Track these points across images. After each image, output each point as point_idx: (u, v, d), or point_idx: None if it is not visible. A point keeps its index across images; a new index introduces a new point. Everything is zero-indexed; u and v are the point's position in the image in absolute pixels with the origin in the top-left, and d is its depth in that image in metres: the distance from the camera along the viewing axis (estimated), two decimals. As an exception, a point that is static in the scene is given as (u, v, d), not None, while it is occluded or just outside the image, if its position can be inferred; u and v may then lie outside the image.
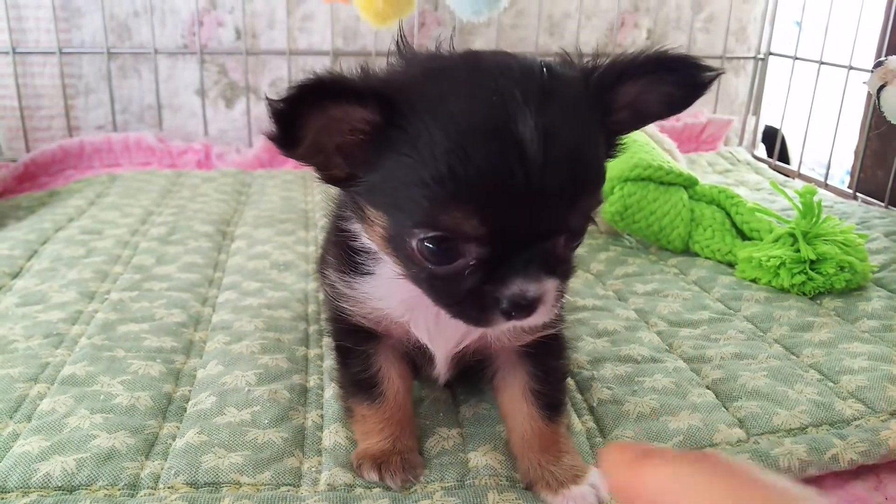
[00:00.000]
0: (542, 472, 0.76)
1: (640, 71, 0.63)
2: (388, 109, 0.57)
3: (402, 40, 0.68)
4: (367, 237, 0.68)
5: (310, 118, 0.56)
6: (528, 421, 0.78)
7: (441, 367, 0.81)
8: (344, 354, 0.83)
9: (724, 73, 0.67)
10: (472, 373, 0.87)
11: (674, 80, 0.65)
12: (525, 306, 0.60)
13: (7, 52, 1.94)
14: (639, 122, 0.69)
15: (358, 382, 0.81)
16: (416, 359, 0.82)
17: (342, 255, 0.75)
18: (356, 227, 0.70)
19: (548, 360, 0.80)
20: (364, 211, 0.64)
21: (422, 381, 0.92)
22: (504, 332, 0.76)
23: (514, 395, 0.80)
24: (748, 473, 0.35)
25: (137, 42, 2.07)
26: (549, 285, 0.60)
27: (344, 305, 0.77)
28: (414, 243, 0.60)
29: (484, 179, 0.55)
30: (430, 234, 0.59)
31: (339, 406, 0.87)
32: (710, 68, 0.64)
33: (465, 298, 0.61)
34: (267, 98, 0.55)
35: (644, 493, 0.39)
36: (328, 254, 0.82)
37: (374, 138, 0.59)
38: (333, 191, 0.77)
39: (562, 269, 0.63)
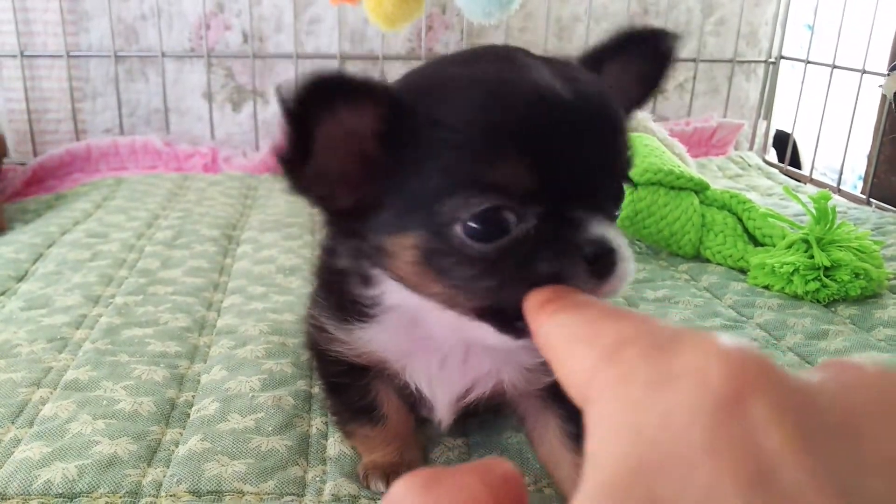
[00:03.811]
0: None
1: (612, 52, 0.61)
2: (397, 107, 0.52)
3: None
4: (395, 276, 0.58)
5: (321, 124, 0.50)
6: (575, 471, 0.71)
7: (443, 415, 0.74)
8: (336, 386, 0.79)
9: (680, 37, 0.63)
10: (485, 418, 0.83)
11: (640, 55, 0.62)
12: (608, 254, 0.50)
13: (15, 56, 1.94)
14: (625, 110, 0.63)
15: (356, 409, 0.77)
16: (413, 402, 0.76)
17: (337, 300, 0.68)
18: (374, 272, 0.62)
19: None
20: (384, 248, 0.56)
21: (420, 423, 0.83)
22: (518, 376, 0.69)
23: (553, 444, 0.73)
24: (637, 318, 0.33)
25: (144, 45, 2.07)
26: (621, 239, 0.52)
27: (336, 348, 0.71)
28: (459, 230, 0.51)
29: (523, 122, 0.50)
30: (477, 211, 0.50)
31: (337, 429, 0.84)
32: (670, 34, 0.61)
33: (540, 260, 0.50)
34: (278, 94, 0.48)
35: (538, 340, 0.39)
36: (318, 295, 0.74)
37: (387, 144, 0.53)
38: (322, 234, 0.72)
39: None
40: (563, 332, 0.37)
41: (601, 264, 0.50)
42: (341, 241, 0.64)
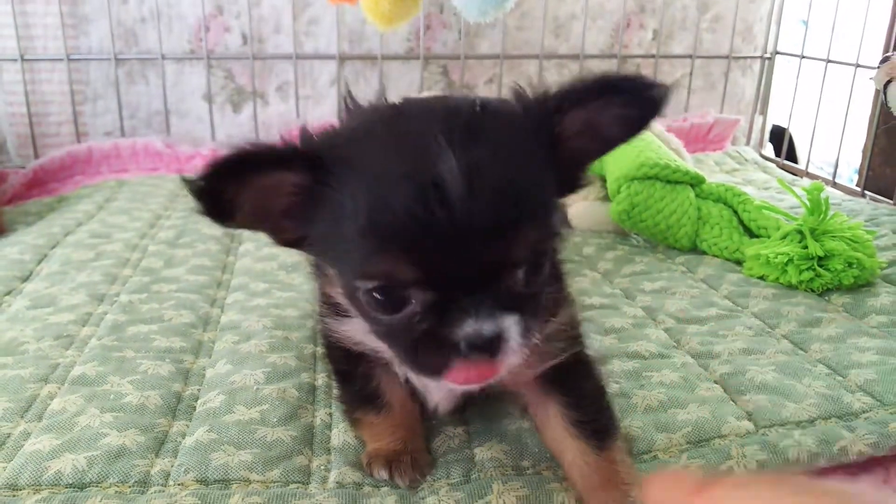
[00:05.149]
0: None
1: (583, 97, 0.61)
2: (317, 170, 0.58)
3: (348, 96, 0.69)
4: (332, 293, 0.70)
5: (238, 191, 0.57)
6: (581, 457, 0.72)
7: (437, 401, 0.78)
8: (343, 375, 0.82)
9: (670, 89, 0.61)
10: (485, 407, 0.86)
11: (624, 102, 0.61)
12: (485, 346, 0.56)
13: (15, 59, 1.96)
14: (601, 146, 0.65)
15: (362, 397, 0.80)
16: (413, 390, 0.79)
17: (327, 295, 0.74)
18: (320, 283, 0.71)
19: (578, 381, 0.75)
20: (322, 268, 0.66)
21: (424, 413, 0.85)
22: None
23: (557, 430, 0.74)
24: (818, 487, 0.32)
25: (144, 48, 2.08)
26: (509, 322, 0.57)
27: (336, 335, 0.76)
28: (361, 296, 0.59)
29: (404, 222, 0.54)
30: (371, 285, 0.58)
31: (345, 417, 0.86)
32: (658, 85, 0.60)
33: (420, 346, 0.58)
34: (183, 178, 0.56)
35: None
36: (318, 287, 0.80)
37: (310, 198, 0.59)
38: None
39: (526, 305, 0.59)
40: None
41: (479, 353, 0.56)
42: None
